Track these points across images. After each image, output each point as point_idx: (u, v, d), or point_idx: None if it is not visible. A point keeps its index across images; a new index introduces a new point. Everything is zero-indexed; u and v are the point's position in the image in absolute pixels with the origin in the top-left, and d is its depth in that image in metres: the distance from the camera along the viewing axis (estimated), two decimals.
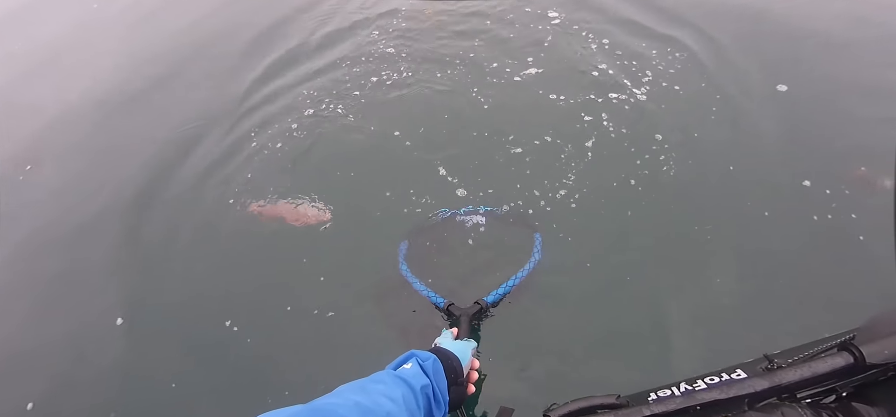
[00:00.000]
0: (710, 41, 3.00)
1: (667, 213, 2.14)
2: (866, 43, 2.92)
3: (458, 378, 1.18)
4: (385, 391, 0.94)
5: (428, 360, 1.12)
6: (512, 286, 1.77)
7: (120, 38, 4.20)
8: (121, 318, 2.06)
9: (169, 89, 3.38)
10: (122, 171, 2.76)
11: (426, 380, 1.06)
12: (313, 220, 2.24)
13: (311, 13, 3.86)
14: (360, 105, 2.92)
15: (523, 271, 1.82)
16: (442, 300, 1.73)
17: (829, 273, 1.87)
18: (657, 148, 2.38)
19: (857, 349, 1.02)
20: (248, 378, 1.81)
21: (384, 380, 1.00)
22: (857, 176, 2.19)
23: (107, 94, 3.44)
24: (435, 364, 1.12)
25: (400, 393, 0.96)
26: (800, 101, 2.57)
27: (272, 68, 3.35)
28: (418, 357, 1.11)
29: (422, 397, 1.03)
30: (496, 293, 1.73)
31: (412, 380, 1.03)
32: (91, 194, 2.66)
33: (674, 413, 1.02)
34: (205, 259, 2.26)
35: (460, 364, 1.20)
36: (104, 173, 2.80)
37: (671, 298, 1.84)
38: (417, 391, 1.02)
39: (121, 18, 4.46)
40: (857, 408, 1.08)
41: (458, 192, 2.30)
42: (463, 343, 1.33)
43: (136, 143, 2.96)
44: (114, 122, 3.23)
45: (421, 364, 1.09)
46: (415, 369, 1.07)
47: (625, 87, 2.76)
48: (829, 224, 2.03)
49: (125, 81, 3.55)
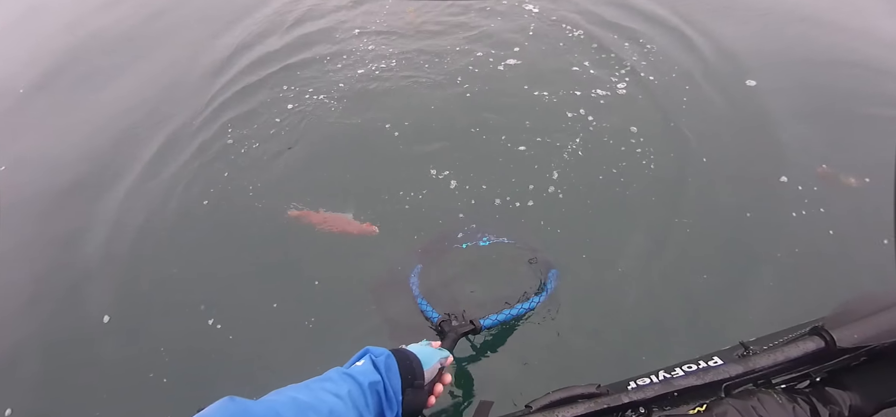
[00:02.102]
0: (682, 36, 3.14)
1: (648, 206, 2.18)
2: (831, 40, 3.08)
3: (415, 380, 1.10)
4: (330, 387, 0.92)
5: (381, 356, 1.07)
6: (513, 315, 1.63)
7: (77, 22, 4.14)
8: (107, 316, 2.01)
9: (137, 79, 3.34)
10: (95, 158, 2.71)
11: (377, 376, 1.02)
12: (356, 232, 2.15)
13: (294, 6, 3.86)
14: (344, 98, 2.91)
15: (529, 302, 1.68)
16: (436, 316, 1.61)
17: (803, 264, 1.93)
18: (635, 142, 2.44)
19: (828, 333, 1.05)
20: (231, 378, 1.77)
21: (331, 377, 0.97)
22: (818, 173, 2.26)
23: (59, 78, 3.41)
24: (388, 360, 1.07)
25: (346, 390, 0.93)
26: (767, 96, 2.67)
27: (249, 62, 3.32)
28: (372, 353, 1.07)
29: (370, 393, 0.99)
30: (495, 317, 1.59)
31: (360, 377, 0.99)
32: (67, 190, 2.60)
33: (652, 399, 1.03)
34: (189, 256, 2.21)
35: (420, 366, 1.14)
36: (76, 163, 2.74)
37: (651, 289, 1.87)
38: (365, 387, 0.97)
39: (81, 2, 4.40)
40: (830, 393, 1.11)
41: (451, 184, 2.31)
42: (429, 349, 1.24)
43: (111, 132, 2.90)
44: (76, 99, 3.18)
45: (373, 360, 1.05)
46: (366, 365, 1.03)
47: (604, 81, 2.82)
48: (800, 217, 2.09)
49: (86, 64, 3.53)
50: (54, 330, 2.02)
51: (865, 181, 2.21)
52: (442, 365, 1.26)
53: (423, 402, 1.16)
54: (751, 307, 1.79)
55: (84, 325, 2.00)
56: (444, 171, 2.36)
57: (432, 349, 1.26)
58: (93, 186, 2.59)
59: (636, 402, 1.04)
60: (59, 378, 1.88)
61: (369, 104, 2.85)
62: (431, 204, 2.25)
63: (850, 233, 2.02)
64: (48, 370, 1.90)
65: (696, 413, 1.02)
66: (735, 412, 0.99)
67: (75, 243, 2.31)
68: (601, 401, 1.05)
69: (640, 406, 1.06)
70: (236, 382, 1.75)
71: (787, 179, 2.23)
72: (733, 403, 1.00)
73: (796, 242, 2.00)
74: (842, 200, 2.16)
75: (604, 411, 1.05)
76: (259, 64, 3.29)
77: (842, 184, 2.22)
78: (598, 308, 1.83)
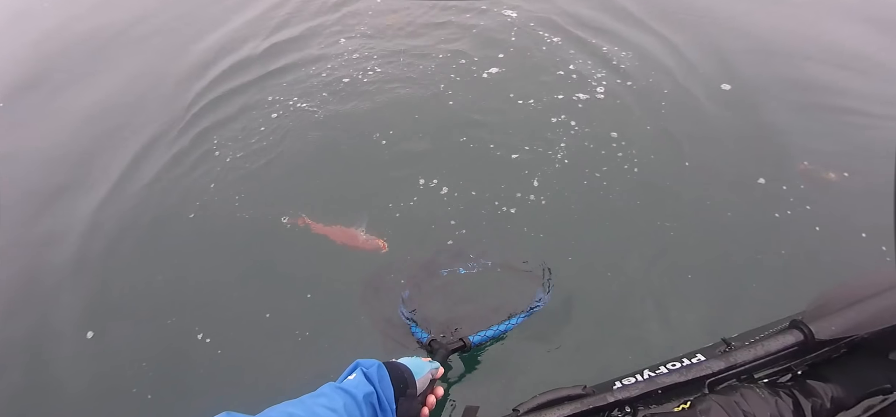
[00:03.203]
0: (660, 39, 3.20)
1: (632, 209, 2.19)
2: (801, 41, 3.18)
3: (408, 390, 1.12)
4: (325, 402, 0.92)
5: (372, 367, 1.08)
6: (502, 331, 1.65)
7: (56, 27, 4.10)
8: (91, 331, 1.96)
9: (117, 85, 3.29)
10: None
11: (370, 388, 1.03)
12: (367, 247, 2.10)
13: (277, 13, 3.85)
14: (329, 105, 2.89)
15: (516, 318, 1.70)
16: (426, 336, 1.62)
17: (789, 263, 1.96)
18: (616, 146, 2.46)
19: (807, 326, 1.07)
20: (219, 392, 1.75)
21: (325, 393, 0.97)
22: (800, 171, 2.31)
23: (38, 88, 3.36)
24: (379, 370, 1.08)
25: (341, 403, 0.93)
26: (743, 99, 2.73)
27: (231, 68, 3.29)
28: (363, 366, 1.08)
29: (365, 406, 0.99)
30: (483, 334, 1.61)
31: (354, 390, 0.99)
32: (44, 203, 2.54)
33: (637, 398, 1.04)
34: (174, 266, 2.16)
35: (412, 376, 1.15)
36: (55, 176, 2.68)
37: (636, 290, 1.88)
38: (360, 399, 0.98)
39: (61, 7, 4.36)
40: (811, 385, 1.12)
41: (441, 191, 2.30)
42: (419, 360, 1.25)
43: (89, 139, 2.85)
44: (55, 105, 3.13)
45: (365, 372, 1.06)
46: (358, 378, 1.04)
47: (584, 86, 2.85)
48: (784, 216, 2.13)
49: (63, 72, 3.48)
50: (31, 344, 1.96)
51: (844, 176, 2.26)
52: (433, 377, 1.27)
53: (417, 412, 1.17)
54: (738, 308, 1.81)
55: (63, 339, 1.95)
56: (432, 179, 2.36)
57: (420, 361, 1.26)
58: (72, 192, 2.53)
59: (622, 401, 1.05)
60: (36, 393, 1.83)
61: (354, 112, 2.84)
62: (422, 212, 2.23)
63: (834, 228, 2.06)
64: (26, 385, 1.85)
65: (680, 410, 1.03)
66: (719, 408, 1.00)
67: (53, 252, 2.26)
68: (587, 402, 1.05)
69: (626, 405, 1.07)
70: (225, 396, 1.73)
71: (768, 179, 2.27)
72: (716, 399, 1.02)
73: (782, 240, 2.03)
74: (824, 195, 2.20)
75: (590, 411, 1.06)
76: (241, 70, 3.26)
77: (823, 180, 2.26)
78: (584, 310, 1.83)
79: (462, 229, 2.13)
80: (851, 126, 2.56)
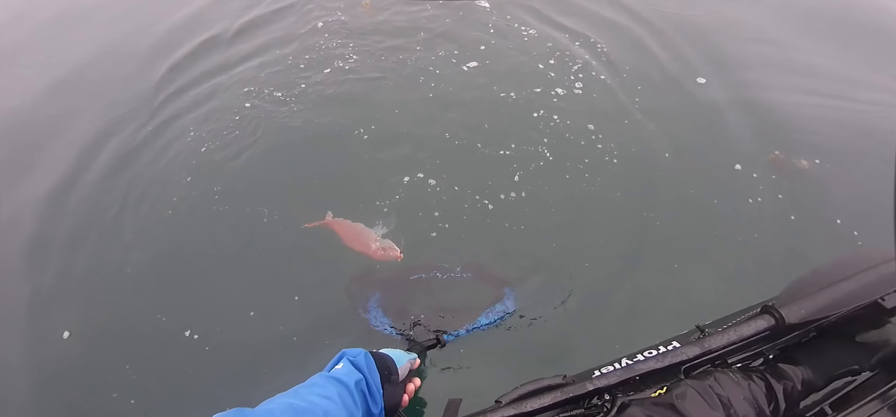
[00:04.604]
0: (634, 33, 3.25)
1: (613, 201, 2.22)
2: (770, 29, 3.28)
3: (392, 376, 1.18)
4: (320, 391, 0.95)
5: (359, 355, 1.12)
6: (473, 329, 1.74)
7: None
8: (67, 331, 1.91)
9: (80, 76, 3.20)
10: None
11: (359, 375, 1.07)
12: (378, 254, 1.98)
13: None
14: (307, 97, 2.85)
15: (488, 318, 1.77)
16: (400, 337, 1.71)
17: (759, 249, 2.02)
18: (595, 139, 2.49)
19: (777, 311, 1.10)
20: (207, 389, 1.72)
21: (317, 382, 1.00)
22: (772, 160, 2.37)
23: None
24: (367, 358, 1.13)
25: (335, 392, 0.97)
26: (718, 90, 2.79)
27: (201, 53, 3.23)
28: (349, 355, 1.12)
29: (357, 392, 1.03)
30: (457, 332, 1.71)
31: (345, 377, 1.04)
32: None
33: (616, 385, 1.06)
34: (154, 265, 2.10)
35: (394, 364, 1.21)
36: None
37: (616, 280, 1.91)
38: (351, 386, 1.02)
39: None
40: (783, 369, 1.16)
41: (426, 187, 2.29)
42: (399, 352, 1.32)
43: (48, 131, 2.76)
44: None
45: (352, 361, 1.10)
46: (347, 367, 1.08)
47: (563, 80, 2.87)
48: (753, 200, 2.19)
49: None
50: (6, 351, 1.90)
51: (816, 163, 2.32)
52: (412, 367, 1.35)
53: (400, 398, 1.22)
54: (715, 294, 1.85)
55: (42, 342, 1.89)
56: (417, 173, 2.35)
57: (399, 351, 1.32)
58: (44, 190, 2.44)
59: (601, 389, 1.07)
60: (13, 401, 1.78)
61: (333, 106, 2.80)
62: (407, 207, 2.22)
63: (809, 214, 2.13)
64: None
65: (657, 395, 1.06)
66: (694, 392, 1.03)
67: (28, 254, 2.18)
68: (568, 391, 1.07)
69: (605, 393, 1.09)
70: (212, 393, 1.70)
71: (742, 166, 2.33)
72: (692, 384, 1.04)
73: (756, 228, 2.09)
74: (797, 183, 2.26)
75: (571, 399, 1.08)
76: (214, 54, 3.21)
77: (795, 168, 2.33)
78: (564, 300, 1.85)
79: (445, 224, 2.13)
80: (824, 109, 2.65)
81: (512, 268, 1.96)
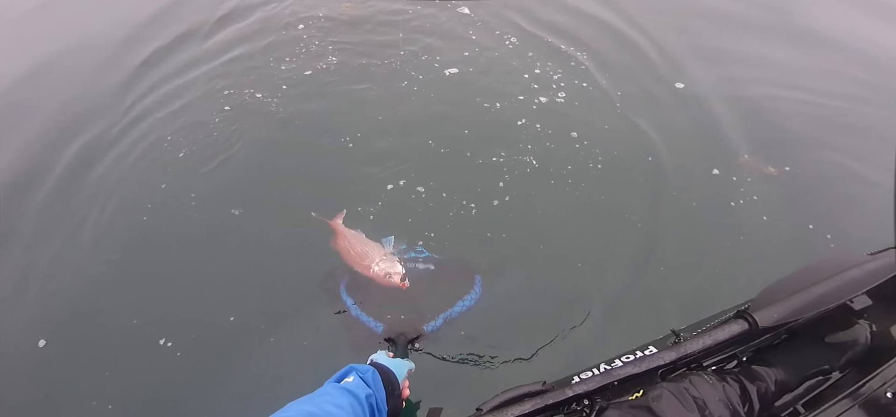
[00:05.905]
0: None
1: (597, 205, 2.25)
2: (745, 35, 3.37)
3: (395, 391, 1.21)
4: (332, 400, 0.98)
5: (368, 372, 1.16)
6: (450, 316, 1.81)
7: None
8: (43, 340, 1.85)
9: (49, 74, 3.13)
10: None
11: (369, 390, 1.11)
12: (378, 277, 1.86)
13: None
14: (287, 100, 2.83)
15: (462, 304, 1.84)
16: (380, 326, 1.76)
17: (743, 251, 2.06)
18: (578, 147, 2.52)
19: (751, 316, 1.12)
20: (186, 399, 1.68)
21: (329, 392, 1.03)
22: (741, 163, 2.43)
23: None
24: (375, 376, 1.17)
25: (347, 402, 1.00)
26: (695, 95, 2.85)
27: (177, 53, 3.19)
28: (358, 371, 1.15)
29: (366, 406, 1.07)
30: (434, 323, 1.77)
31: (357, 391, 1.07)
32: None
33: (595, 391, 1.07)
34: (131, 271, 2.07)
35: (397, 379, 1.25)
36: None
37: (598, 284, 1.93)
38: (362, 400, 1.06)
39: None
40: (756, 370, 1.19)
41: (410, 193, 2.29)
42: (399, 361, 1.37)
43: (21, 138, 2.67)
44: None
45: (361, 376, 1.14)
46: (357, 381, 1.12)
47: (545, 88, 2.89)
48: (735, 204, 2.24)
49: None
50: None
51: (785, 169, 2.38)
52: (409, 375, 1.39)
53: (399, 411, 1.25)
54: (697, 297, 1.89)
55: (16, 351, 1.83)
56: (400, 180, 2.34)
57: (399, 361, 1.37)
58: (12, 195, 2.37)
59: (581, 395, 1.08)
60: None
61: (315, 110, 2.78)
62: (391, 213, 2.21)
63: (780, 219, 2.18)
64: None
65: (634, 398, 1.07)
66: (669, 394, 1.04)
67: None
68: (548, 397, 1.08)
69: (585, 398, 1.09)
70: (192, 403, 1.67)
71: (719, 171, 2.38)
72: (668, 386, 1.06)
73: (736, 229, 2.13)
74: (767, 187, 2.32)
75: (551, 406, 1.08)
76: (191, 58, 3.15)
77: (763, 173, 2.38)
78: (545, 306, 1.87)
79: (430, 232, 2.12)
80: (791, 116, 2.73)
81: (492, 273, 1.97)
